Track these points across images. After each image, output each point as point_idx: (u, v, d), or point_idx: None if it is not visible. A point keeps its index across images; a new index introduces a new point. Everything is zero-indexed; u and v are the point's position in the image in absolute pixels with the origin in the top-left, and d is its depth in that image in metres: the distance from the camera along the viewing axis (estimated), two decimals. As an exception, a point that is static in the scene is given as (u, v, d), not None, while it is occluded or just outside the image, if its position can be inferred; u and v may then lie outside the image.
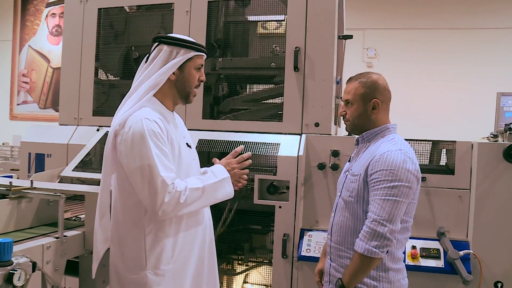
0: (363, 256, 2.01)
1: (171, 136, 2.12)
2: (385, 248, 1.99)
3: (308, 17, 3.25)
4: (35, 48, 8.89)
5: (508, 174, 2.85)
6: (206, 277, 2.27)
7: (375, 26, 7.47)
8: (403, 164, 2.03)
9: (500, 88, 4.14)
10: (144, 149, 1.97)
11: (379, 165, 2.05)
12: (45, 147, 3.62)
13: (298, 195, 3.07)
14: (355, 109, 2.23)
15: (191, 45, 2.19)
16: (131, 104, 2.12)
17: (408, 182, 2.03)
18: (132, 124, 2.02)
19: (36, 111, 8.91)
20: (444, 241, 2.89)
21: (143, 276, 2.06)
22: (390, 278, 2.12)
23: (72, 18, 3.82)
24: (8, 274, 1.67)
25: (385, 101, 2.23)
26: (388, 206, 1.99)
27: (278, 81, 3.41)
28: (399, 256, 2.16)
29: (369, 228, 2.00)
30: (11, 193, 2.20)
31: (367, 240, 2.00)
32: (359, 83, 2.22)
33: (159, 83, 2.14)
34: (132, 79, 2.13)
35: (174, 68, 2.16)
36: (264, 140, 3.23)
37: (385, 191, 2.01)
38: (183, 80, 2.20)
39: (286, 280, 3.07)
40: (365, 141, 2.26)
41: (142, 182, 1.97)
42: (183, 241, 2.15)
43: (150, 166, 1.95)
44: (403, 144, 2.15)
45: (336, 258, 2.24)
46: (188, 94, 2.24)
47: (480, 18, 7.14)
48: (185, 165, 2.18)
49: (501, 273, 2.83)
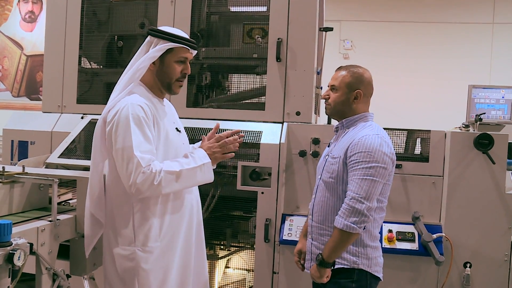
0: (342, 231, 2.15)
1: (158, 120, 2.23)
2: (362, 224, 2.15)
3: (290, 9, 3.34)
4: (7, 34, 8.69)
5: (478, 161, 3.01)
6: (194, 257, 2.38)
7: (352, 18, 7.60)
8: (379, 147, 2.19)
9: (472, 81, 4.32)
10: (126, 132, 2.09)
11: (357, 148, 2.21)
12: (29, 135, 3.62)
13: (280, 181, 3.18)
14: (338, 96, 2.38)
15: (170, 37, 2.26)
16: (118, 91, 2.25)
17: (384, 164, 2.19)
18: (119, 108, 2.14)
19: (9, 99, 8.72)
20: (419, 225, 3.03)
21: (132, 251, 2.19)
22: (369, 255, 2.27)
23: (55, 6, 3.81)
24: (8, 254, 1.74)
25: (367, 95, 2.39)
26: (366, 185, 2.15)
27: (260, 71, 3.50)
28: (375, 234, 2.32)
29: (348, 205, 2.16)
30: (4, 178, 2.24)
31: (346, 217, 2.15)
32: (347, 72, 2.37)
33: (140, 71, 2.24)
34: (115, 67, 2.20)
35: (153, 58, 2.25)
36: (247, 128, 3.31)
37: (363, 171, 2.17)
38: (163, 71, 2.29)
39: (268, 264, 3.18)
40: (345, 127, 2.41)
41: (122, 162, 2.09)
42: (170, 220, 2.26)
43: (129, 147, 2.06)
44: (379, 130, 2.32)
45: (317, 237, 2.37)
46: (169, 85, 2.32)
47: (455, 12, 7.35)
48: (174, 148, 2.30)
49: (470, 255, 3.01)
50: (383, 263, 2.36)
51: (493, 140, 2.96)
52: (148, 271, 2.18)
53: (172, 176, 2.12)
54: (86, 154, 3.33)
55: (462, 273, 2.99)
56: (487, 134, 2.97)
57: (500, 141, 2.98)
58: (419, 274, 3.03)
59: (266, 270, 3.19)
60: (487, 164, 2.99)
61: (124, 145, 2.08)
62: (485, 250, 2.99)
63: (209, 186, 3.46)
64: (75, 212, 2.39)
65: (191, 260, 2.37)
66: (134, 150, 2.05)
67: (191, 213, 2.38)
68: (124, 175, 2.08)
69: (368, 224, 2.20)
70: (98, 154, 2.26)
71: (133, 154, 2.05)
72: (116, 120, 2.12)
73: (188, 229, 2.36)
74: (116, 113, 2.14)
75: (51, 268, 2.13)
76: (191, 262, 2.37)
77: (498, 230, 2.98)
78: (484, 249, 2.99)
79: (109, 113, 2.18)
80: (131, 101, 2.15)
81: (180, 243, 2.30)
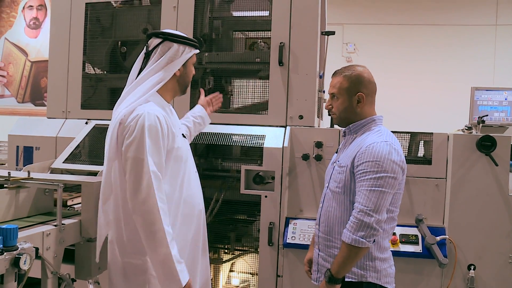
0: (351, 246, 2.04)
1: (172, 129, 2.25)
2: (371, 238, 2.04)
3: (292, 14, 3.36)
4: (12, 41, 8.76)
5: (481, 163, 3.01)
6: (200, 262, 2.40)
7: (354, 21, 7.60)
8: (388, 155, 2.08)
9: (474, 83, 4.32)
10: (140, 142, 2.09)
11: (365, 157, 2.09)
12: (34, 140, 3.65)
13: (283, 185, 3.18)
14: (340, 103, 2.27)
15: (194, 43, 2.36)
16: (137, 96, 2.24)
17: (394, 173, 2.07)
18: (137, 116, 2.14)
19: (14, 105, 8.77)
20: (422, 228, 3.04)
21: (144, 261, 2.18)
22: (377, 267, 2.17)
23: (59, 12, 3.84)
24: (14, 258, 1.76)
25: (370, 94, 2.27)
26: (374, 197, 2.03)
27: (263, 75, 3.52)
28: (385, 246, 2.22)
29: (356, 218, 2.04)
30: (9, 183, 2.26)
31: (354, 231, 2.03)
32: (343, 77, 2.26)
33: (165, 78, 2.28)
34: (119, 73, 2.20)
35: (180, 65, 2.31)
36: (250, 132, 3.33)
37: (371, 182, 2.05)
38: (185, 76, 2.39)
39: (272, 267, 3.19)
40: (352, 133, 2.30)
41: (130, 172, 2.10)
42: (179, 228, 2.27)
43: (141, 159, 2.08)
44: (388, 135, 2.20)
45: (324, 248, 2.29)
46: (187, 87, 2.43)
47: (458, 14, 7.35)
48: (184, 153, 2.33)
49: (474, 257, 3.01)
50: (394, 272, 2.29)
51: (496, 142, 2.96)
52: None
53: (160, 233, 2.07)
54: (91, 159, 3.36)
55: (466, 275, 2.99)
56: (490, 136, 2.97)
57: (503, 143, 2.98)
58: (423, 276, 3.04)
59: (270, 274, 3.20)
60: (490, 166, 2.99)
61: (136, 155, 2.09)
62: (489, 252, 2.99)
63: (213, 190, 3.48)
64: (80, 217, 2.40)
65: (198, 264, 2.39)
66: (149, 164, 2.07)
67: (199, 220, 2.41)
68: (131, 184, 2.09)
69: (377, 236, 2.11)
70: (112, 157, 2.22)
71: (146, 169, 2.07)
72: (131, 127, 2.13)
73: (196, 235, 2.38)
74: (133, 119, 2.14)
75: (56, 272, 2.15)
76: (197, 267, 2.39)
77: (501, 232, 2.98)
78: (488, 251, 2.99)
79: (128, 118, 2.16)
80: (149, 110, 2.16)
81: (188, 249, 2.32)
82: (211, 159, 3.59)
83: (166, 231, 2.06)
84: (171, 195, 2.23)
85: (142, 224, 2.07)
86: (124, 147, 2.14)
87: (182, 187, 2.30)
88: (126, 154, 2.12)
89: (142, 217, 2.06)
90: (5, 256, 1.74)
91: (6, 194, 2.24)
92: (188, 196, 2.33)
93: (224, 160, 3.57)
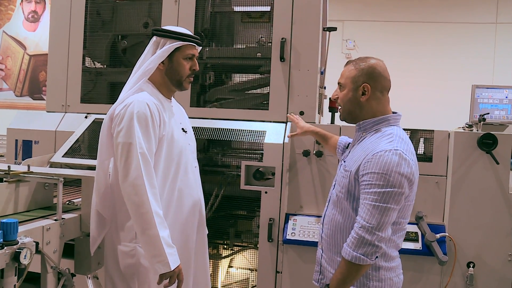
0: (351, 263, 1.91)
1: (164, 119, 2.26)
2: (373, 255, 1.90)
3: (294, 9, 3.35)
4: (10, 34, 8.71)
5: (482, 161, 3.01)
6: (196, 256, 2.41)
7: (354, 18, 7.59)
8: (396, 167, 1.88)
9: (475, 80, 4.31)
10: (129, 128, 2.12)
11: (371, 166, 1.92)
12: (33, 134, 3.63)
13: (283, 181, 3.18)
14: (345, 93, 2.10)
15: (177, 36, 2.32)
16: (126, 89, 2.30)
17: (401, 188, 1.89)
18: (126, 104, 2.18)
19: (12, 98, 8.73)
20: (422, 225, 3.04)
21: (133, 248, 2.21)
22: (381, 276, 2.03)
23: (60, 5, 3.82)
24: (14, 252, 1.75)
25: (380, 89, 2.08)
26: (378, 213, 1.88)
27: (264, 70, 3.51)
28: (392, 255, 2.07)
29: (357, 234, 1.90)
30: (9, 177, 2.25)
31: (355, 247, 1.90)
32: (353, 66, 2.10)
33: (149, 71, 2.30)
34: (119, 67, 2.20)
35: (162, 58, 2.31)
36: (251, 127, 3.33)
37: (375, 197, 1.88)
38: (172, 69, 2.35)
39: (271, 263, 3.19)
40: (361, 130, 2.12)
41: (120, 157, 2.12)
42: (171, 218, 2.27)
43: (129, 144, 2.10)
44: (400, 141, 1.98)
45: (326, 251, 2.19)
46: (179, 82, 2.38)
47: (458, 12, 7.34)
48: (179, 147, 2.33)
49: (473, 255, 3.01)
50: (402, 281, 2.14)
51: (496, 140, 2.96)
52: (148, 268, 2.19)
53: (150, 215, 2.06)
54: (90, 153, 3.34)
55: (465, 273, 2.99)
56: (491, 134, 2.97)
57: (504, 141, 2.98)
58: (422, 274, 3.04)
59: (269, 270, 3.19)
60: (491, 164, 2.99)
61: (125, 141, 2.11)
62: (488, 250, 2.99)
63: (213, 186, 3.48)
64: (80, 211, 2.40)
65: (191, 258, 2.39)
66: (137, 147, 2.09)
67: (193, 212, 2.40)
68: (121, 169, 2.11)
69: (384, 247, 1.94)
70: (104, 151, 2.28)
71: (135, 153, 2.08)
72: (121, 115, 2.16)
73: (190, 228, 2.38)
74: (122, 108, 2.18)
75: (56, 267, 2.14)
76: (191, 261, 2.38)
77: (501, 230, 2.98)
78: (487, 249, 2.99)
79: (116, 109, 2.22)
80: (139, 98, 2.19)
81: (179, 240, 2.31)
82: (211, 154, 3.58)
83: (155, 212, 2.06)
84: (164, 182, 2.25)
85: (131, 206, 2.09)
86: (114, 134, 2.17)
87: (177, 177, 2.30)
88: (117, 140, 2.15)
89: (131, 199, 2.08)
90: (5, 251, 1.74)
91: (6, 188, 2.23)
92: (183, 185, 2.33)
93: (224, 156, 3.57)
